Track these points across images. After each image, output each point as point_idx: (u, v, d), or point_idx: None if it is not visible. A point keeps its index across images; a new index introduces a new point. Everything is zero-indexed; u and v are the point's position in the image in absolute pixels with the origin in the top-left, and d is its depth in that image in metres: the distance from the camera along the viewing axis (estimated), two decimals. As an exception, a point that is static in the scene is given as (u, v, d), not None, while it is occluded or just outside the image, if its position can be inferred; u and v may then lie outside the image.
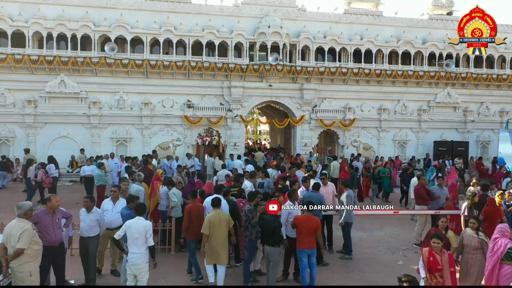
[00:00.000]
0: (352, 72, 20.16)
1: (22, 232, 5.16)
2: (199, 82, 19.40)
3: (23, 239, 5.14)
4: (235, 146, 19.73)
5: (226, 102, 19.70)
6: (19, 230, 5.17)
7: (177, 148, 19.39)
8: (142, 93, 18.94)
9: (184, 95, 19.38)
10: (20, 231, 5.16)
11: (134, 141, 18.98)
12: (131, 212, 6.49)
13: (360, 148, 21.10)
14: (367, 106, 21.07)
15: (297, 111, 20.37)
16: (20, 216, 5.34)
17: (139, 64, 18.32)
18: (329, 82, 20.59)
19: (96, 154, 18.10)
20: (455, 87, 21.73)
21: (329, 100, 20.65)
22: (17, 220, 5.34)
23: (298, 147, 20.52)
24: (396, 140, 21.42)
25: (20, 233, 5.14)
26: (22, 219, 5.33)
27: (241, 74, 19.36)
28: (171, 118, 19.17)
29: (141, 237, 5.77)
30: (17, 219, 5.35)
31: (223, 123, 19.63)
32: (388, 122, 21.07)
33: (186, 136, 19.37)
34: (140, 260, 5.77)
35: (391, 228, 11.06)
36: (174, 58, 18.71)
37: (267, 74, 19.36)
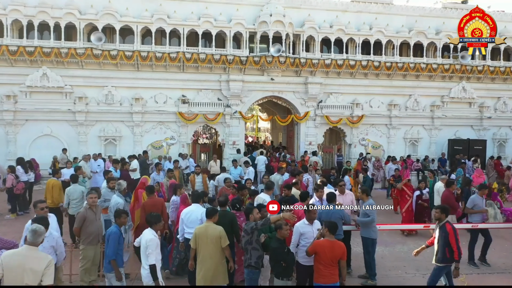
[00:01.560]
0: (360, 64, 18.64)
1: (48, 265, 4.16)
2: (195, 76, 17.85)
3: (50, 274, 4.16)
4: (234, 145, 18.20)
5: (224, 97, 18.16)
6: (44, 263, 4.13)
7: (171, 147, 17.87)
8: (132, 87, 17.39)
9: (179, 90, 17.83)
10: (45, 264, 4.13)
11: (124, 139, 17.44)
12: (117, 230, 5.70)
13: (368, 147, 19.61)
14: (376, 102, 19.56)
15: (301, 107, 18.84)
16: (34, 244, 4.25)
17: (129, 56, 16.76)
18: (336, 75, 19.06)
19: (82, 154, 16.61)
20: (471, 81, 20.22)
21: (336, 95, 19.13)
22: (31, 249, 4.20)
23: (302, 145, 19.01)
24: (407, 138, 19.92)
25: (45, 267, 4.12)
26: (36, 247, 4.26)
27: (240, 66, 17.82)
28: (164, 115, 17.63)
29: (143, 252, 5.41)
30: (30, 247, 4.21)
31: (221, 120, 18.09)
32: (398, 119, 19.56)
33: (181, 134, 17.84)
34: (144, 278, 5.39)
35: (414, 241, 9.57)
36: (168, 49, 17.15)
37: (269, 66, 17.81)
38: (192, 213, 6.78)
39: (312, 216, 5.84)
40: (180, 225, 6.86)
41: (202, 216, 6.61)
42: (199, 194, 7.13)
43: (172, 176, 10.43)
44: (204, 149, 19.56)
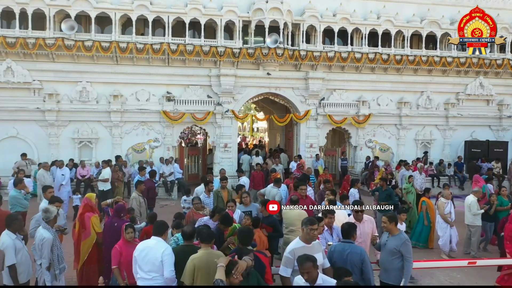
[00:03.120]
0: (367, 57, 16.67)
1: None
2: (182, 70, 15.86)
3: None
4: (225, 148, 16.23)
5: (214, 94, 16.18)
6: None
7: (154, 151, 15.89)
8: (110, 83, 15.39)
9: (163, 86, 15.85)
10: None
11: (102, 142, 15.45)
12: None
13: (376, 149, 17.65)
14: (385, 99, 17.59)
15: (301, 105, 16.87)
16: None
17: (106, 47, 14.76)
18: (340, 70, 17.09)
19: (54, 158, 14.65)
20: (488, 76, 18.28)
21: (340, 91, 17.16)
22: None
23: (302, 148, 17.04)
24: (419, 139, 17.95)
25: None
26: None
27: (232, 60, 15.83)
28: (147, 114, 15.64)
29: None
30: None
31: (211, 120, 16.11)
32: (409, 118, 17.59)
33: (166, 136, 15.85)
34: None
35: (444, 273, 7.61)
36: (150, 40, 15.17)
37: (265, 60, 15.84)
38: (149, 251, 4.82)
39: None
40: (134, 266, 4.92)
41: (164, 256, 4.69)
42: (163, 224, 5.14)
43: (142, 189, 8.42)
44: (193, 152, 17.56)
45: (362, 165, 17.13)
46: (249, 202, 7.00)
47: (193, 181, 15.71)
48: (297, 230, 6.38)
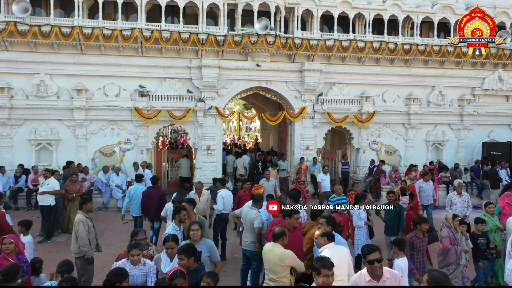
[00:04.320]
0: (371, 47, 14.55)
1: None
2: (157, 61, 13.75)
3: None
4: (208, 151, 14.09)
5: (195, 88, 14.05)
6: None
7: (126, 154, 13.75)
8: (74, 75, 13.27)
9: (136, 79, 13.72)
10: None
11: (64, 144, 13.31)
12: None
13: (381, 152, 15.52)
14: (391, 95, 15.46)
15: (296, 101, 14.73)
16: None
17: (68, 34, 12.63)
18: (340, 61, 14.97)
19: (5, 163, 12.68)
20: (508, 69, 16.17)
21: (340, 86, 15.03)
22: None
23: (297, 151, 14.90)
24: (430, 140, 15.80)
25: None
26: None
27: (216, 49, 13.71)
28: (116, 112, 13.50)
29: None
30: None
31: (192, 118, 13.97)
32: (419, 117, 15.45)
33: (139, 137, 13.71)
34: None
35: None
36: (120, 25, 13.05)
37: (254, 49, 13.72)
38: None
39: None
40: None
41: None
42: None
43: (90, 209, 6.31)
44: (173, 155, 15.40)
45: (365, 170, 15.01)
46: (199, 238, 4.85)
47: (173, 189, 13.63)
48: (278, 280, 4.27)
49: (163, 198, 8.11)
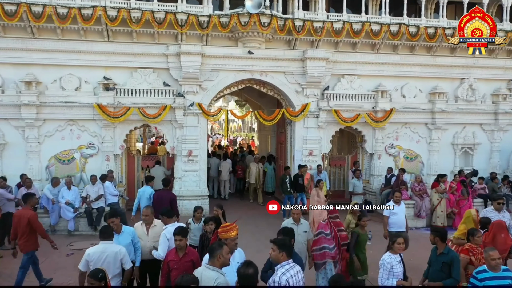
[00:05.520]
0: (388, 31, 11.98)
1: None
2: (127, 47, 11.26)
3: None
4: (190, 157, 11.56)
5: (174, 81, 11.55)
6: None
7: (88, 161, 11.26)
8: (22, 64, 10.79)
9: (100, 69, 11.23)
10: None
11: (11, 148, 10.83)
12: None
13: (399, 157, 12.92)
14: (412, 89, 12.87)
15: (297, 96, 12.18)
16: None
17: (12, 12, 10.18)
18: (350, 48, 12.43)
19: None
20: (551, 58, 13.53)
21: (350, 78, 12.46)
22: None
23: (298, 156, 12.33)
24: (458, 144, 13.17)
25: None
26: None
27: (199, 32, 11.21)
28: (76, 109, 11.01)
29: None
30: None
31: (169, 117, 11.45)
32: (445, 115, 12.84)
33: (105, 140, 11.20)
34: None
35: None
36: (79, 2, 10.58)
37: (245, 32, 11.22)
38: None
39: None
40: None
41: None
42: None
43: None
44: (150, 162, 12.81)
45: (380, 180, 12.44)
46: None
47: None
48: None
49: (174, 202, 7.90)
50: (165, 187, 8.35)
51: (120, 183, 11.63)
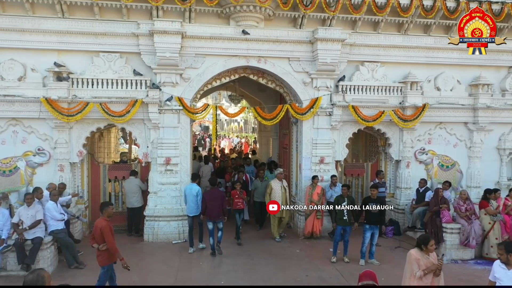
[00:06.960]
0: (420, 6, 9.45)
1: None
2: (86, 25, 8.77)
3: None
4: (168, 166, 9.04)
5: (147, 68, 9.04)
6: None
7: (36, 171, 8.79)
8: None
9: (52, 53, 8.76)
10: None
11: None
12: None
13: (433, 165, 10.34)
14: (449, 80, 10.30)
15: (304, 88, 9.64)
16: None
17: None
18: (371, 28, 9.91)
19: None
20: None
21: (372, 66, 9.91)
22: None
23: (306, 164, 9.77)
24: (506, 148, 10.55)
25: None
26: None
27: (180, 6, 8.71)
28: (20, 105, 8.53)
29: None
30: None
31: (141, 115, 8.94)
32: (490, 113, 10.26)
33: (58, 145, 8.72)
34: None
35: None
36: (21, -33, 8.12)
37: (237, 5, 8.71)
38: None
39: None
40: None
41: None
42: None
43: None
44: (119, 172, 10.17)
45: (410, 195, 9.88)
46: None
47: (118, 226, 8.86)
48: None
49: (225, 200, 8.19)
50: (213, 185, 8.41)
51: (81, 198, 9.16)
